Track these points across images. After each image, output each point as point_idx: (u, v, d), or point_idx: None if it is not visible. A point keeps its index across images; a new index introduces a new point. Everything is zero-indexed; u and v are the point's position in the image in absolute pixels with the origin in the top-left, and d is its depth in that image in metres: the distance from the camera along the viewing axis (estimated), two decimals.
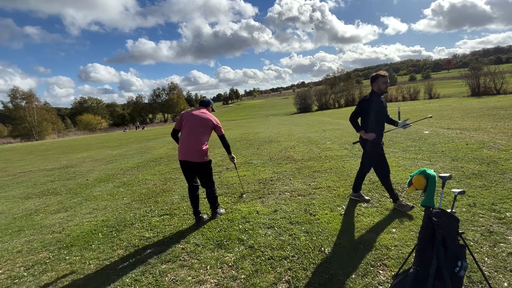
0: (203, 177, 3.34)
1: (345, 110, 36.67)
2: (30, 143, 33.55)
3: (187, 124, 3.20)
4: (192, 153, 3.14)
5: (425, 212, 1.78)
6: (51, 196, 5.66)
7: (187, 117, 3.23)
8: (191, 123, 3.19)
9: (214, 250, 2.74)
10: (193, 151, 3.14)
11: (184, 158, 3.17)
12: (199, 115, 3.25)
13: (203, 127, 3.20)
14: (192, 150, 3.14)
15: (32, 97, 48.16)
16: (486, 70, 35.00)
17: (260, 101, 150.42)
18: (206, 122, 3.23)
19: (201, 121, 3.21)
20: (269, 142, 10.32)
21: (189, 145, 3.15)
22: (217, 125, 3.33)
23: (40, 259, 2.95)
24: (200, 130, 3.18)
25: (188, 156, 3.15)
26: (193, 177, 3.33)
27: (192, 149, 3.14)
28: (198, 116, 3.23)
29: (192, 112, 3.28)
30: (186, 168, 3.25)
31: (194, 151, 3.14)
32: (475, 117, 11.13)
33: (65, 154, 14.12)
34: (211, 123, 3.27)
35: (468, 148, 5.91)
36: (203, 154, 3.20)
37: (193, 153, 3.15)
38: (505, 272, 2.05)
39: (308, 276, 2.22)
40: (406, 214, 3.11)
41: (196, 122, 3.20)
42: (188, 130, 3.18)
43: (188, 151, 3.15)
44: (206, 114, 3.31)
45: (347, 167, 5.40)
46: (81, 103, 79.70)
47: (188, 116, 3.24)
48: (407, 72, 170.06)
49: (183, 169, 3.27)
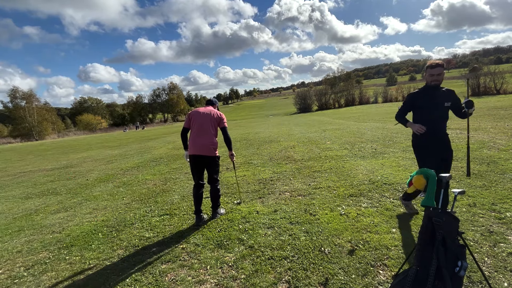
0: (211, 172, 3.44)
1: (345, 110, 36.67)
2: (30, 143, 33.55)
3: (196, 122, 3.38)
4: (204, 147, 3.30)
5: (425, 212, 1.78)
6: (51, 196, 5.66)
7: (195, 115, 3.41)
8: (201, 119, 3.37)
9: (214, 250, 2.74)
10: (205, 145, 3.30)
11: (196, 152, 3.31)
12: (206, 112, 3.44)
13: (211, 122, 3.39)
14: (204, 144, 3.30)
15: (32, 97, 48.16)
16: (486, 70, 35.03)
17: (260, 101, 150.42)
18: (213, 116, 3.43)
19: (209, 117, 3.41)
20: (269, 142, 10.32)
21: (200, 140, 3.31)
22: (222, 117, 3.49)
23: (40, 259, 2.95)
24: (209, 125, 3.37)
25: (200, 150, 3.30)
26: (201, 173, 3.46)
27: (203, 143, 3.30)
28: (206, 113, 3.43)
29: (200, 110, 3.47)
30: (197, 163, 3.38)
31: (206, 145, 3.30)
32: (475, 117, 11.12)
33: (65, 154, 14.12)
34: (217, 116, 3.46)
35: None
36: (214, 148, 3.37)
37: (205, 147, 3.30)
38: (505, 272, 2.05)
39: (308, 276, 2.22)
40: (406, 214, 3.11)
41: (205, 118, 3.39)
42: (198, 126, 3.36)
43: (200, 145, 3.30)
44: (212, 110, 3.52)
45: (347, 167, 5.40)
46: (81, 103, 79.67)
47: (196, 114, 3.42)
48: (407, 72, 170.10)
49: (193, 164, 3.39)
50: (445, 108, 2.77)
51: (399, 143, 7.38)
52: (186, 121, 3.47)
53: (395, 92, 46.06)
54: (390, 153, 6.29)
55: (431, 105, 2.77)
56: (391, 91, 47.37)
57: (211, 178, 3.47)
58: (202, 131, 3.34)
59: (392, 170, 4.86)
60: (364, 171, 4.99)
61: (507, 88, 32.27)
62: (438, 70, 2.69)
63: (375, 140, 8.23)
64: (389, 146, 7.05)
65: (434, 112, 2.78)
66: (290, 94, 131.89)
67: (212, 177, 3.47)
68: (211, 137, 3.35)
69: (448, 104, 2.76)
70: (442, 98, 2.76)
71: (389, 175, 4.57)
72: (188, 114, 3.48)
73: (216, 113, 3.47)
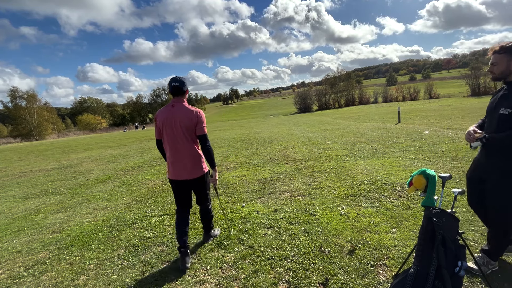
0: (199, 193, 2.76)
1: (345, 110, 36.66)
2: (30, 143, 33.54)
3: (166, 132, 2.48)
4: (183, 170, 2.51)
5: (425, 212, 1.78)
6: (51, 196, 5.66)
7: (163, 122, 2.48)
8: (171, 128, 2.45)
9: (214, 250, 2.74)
10: (184, 166, 2.51)
11: (175, 177, 2.55)
12: (175, 113, 2.44)
13: (186, 130, 2.45)
14: (182, 165, 2.51)
15: (33, 97, 48.16)
16: (486, 70, 35.10)
17: (260, 101, 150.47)
18: (187, 121, 2.43)
19: (181, 122, 2.43)
20: (269, 142, 10.32)
21: (177, 159, 2.50)
22: (199, 119, 2.47)
23: (40, 259, 2.95)
24: (182, 136, 2.45)
25: (180, 174, 2.53)
26: (188, 198, 2.67)
27: (182, 163, 2.51)
28: (175, 117, 2.43)
29: (166, 111, 2.48)
30: (179, 188, 2.61)
31: (185, 166, 2.51)
32: (475, 117, 11.12)
33: (65, 154, 14.12)
34: (191, 120, 2.44)
35: (468, 148, 5.91)
36: (198, 167, 2.56)
37: (185, 168, 2.51)
38: (505, 272, 2.05)
39: (308, 276, 2.22)
40: (406, 214, 3.11)
41: (176, 125, 2.43)
42: (170, 139, 2.47)
43: (179, 168, 2.52)
44: (182, 107, 2.47)
45: (347, 167, 5.40)
46: (81, 103, 79.77)
47: (163, 120, 2.47)
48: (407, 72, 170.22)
49: (175, 190, 2.63)
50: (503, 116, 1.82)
51: (399, 143, 7.38)
52: (156, 130, 2.58)
53: (395, 92, 46.10)
54: (390, 153, 6.29)
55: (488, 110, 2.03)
56: (391, 91, 47.41)
57: (200, 199, 2.80)
58: (175, 146, 2.47)
59: (392, 170, 4.86)
60: (364, 171, 4.99)
61: None
62: (493, 58, 1.92)
63: (375, 140, 8.23)
64: (389, 146, 7.05)
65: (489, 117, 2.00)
66: (290, 94, 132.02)
67: (201, 198, 2.79)
68: (190, 152, 2.50)
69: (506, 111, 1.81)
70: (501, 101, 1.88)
71: (389, 175, 4.57)
72: (155, 118, 2.55)
73: (189, 115, 2.44)
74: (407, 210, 3.23)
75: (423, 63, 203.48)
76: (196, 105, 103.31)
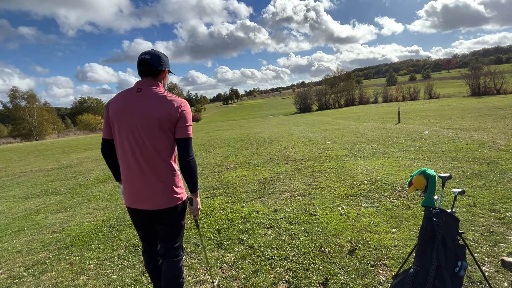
0: (166, 236, 1.68)
1: (345, 110, 36.67)
2: (30, 143, 33.54)
3: (121, 132, 1.54)
4: (145, 194, 1.55)
5: (425, 212, 1.78)
6: (51, 196, 5.66)
7: (118, 114, 1.53)
8: (129, 128, 1.51)
9: (214, 250, 2.74)
10: (148, 189, 1.55)
11: (133, 205, 1.60)
12: (142, 103, 1.50)
13: (158, 129, 1.49)
14: (146, 187, 1.55)
15: (33, 97, 48.15)
16: (486, 70, 35.10)
17: (260, 101, 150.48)
18: (162, 116, 1.48)
19: (150, 118, 1.48)
20: (269, 142, 10.32)
21: (138, 178, 1.54)
22: (184, 114, 1.53)
23: (40, 259, 2.94)
24: (152, 140, 1.50)
25: (138, 200, 1.57)
26: (151, 235, 1.75)
27: (145, 185, 1.54)
28: (141, 109, 1.49)
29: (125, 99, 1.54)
30: (138, 220, 1.69)
31: (151, 190, 1.55)
32: (475, 117, 11.13)
33: (65, 154, 14.11)
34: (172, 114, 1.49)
35: (468, 148, 5.91)
36: (170, 191, 1.58)
37: (150, 193, 1.55)
38: (505, 272, 2.05)
39: (308, 276, 2.22)
40: (406, 214, 3.11)
41: (140, 123, 1.49)
42: (127, 146, 1.53)
43: (138, 189, 1.56)
44: (155, 95, 1.52)
45: (347, 167, 5.40)
46: (81, 103, 79.74)
47: (119, 111, 1.53)
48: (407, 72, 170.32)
49: (134, 220, 1.72)
50: None
51: (399, 143, 7.38)
52: (104, 126, 1.65)
53: (395, 92, 46.09)
54: (390, 153, 6.29)
55: None
56: (391, 91, 47.40)
57: (165, 248, 1.70)
58: (135, 155, 1.52)
59: (392, 170, 4.86)
60: (364, 171, 4.99)
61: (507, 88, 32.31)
62: None
63: (375, 140, 8.23)
64: (389, 146, 7.05)
65: None
66: (290, 94, 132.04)
67: (166, 246, 1.70)
68: (159, 166, 1.54)
69: None
70: None
71: (389, 175, 4.57)
72: (106, 107, 1.60)
73: (167, 107, 1.49)
74: (407, 210, 3.23)
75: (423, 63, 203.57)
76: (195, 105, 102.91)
